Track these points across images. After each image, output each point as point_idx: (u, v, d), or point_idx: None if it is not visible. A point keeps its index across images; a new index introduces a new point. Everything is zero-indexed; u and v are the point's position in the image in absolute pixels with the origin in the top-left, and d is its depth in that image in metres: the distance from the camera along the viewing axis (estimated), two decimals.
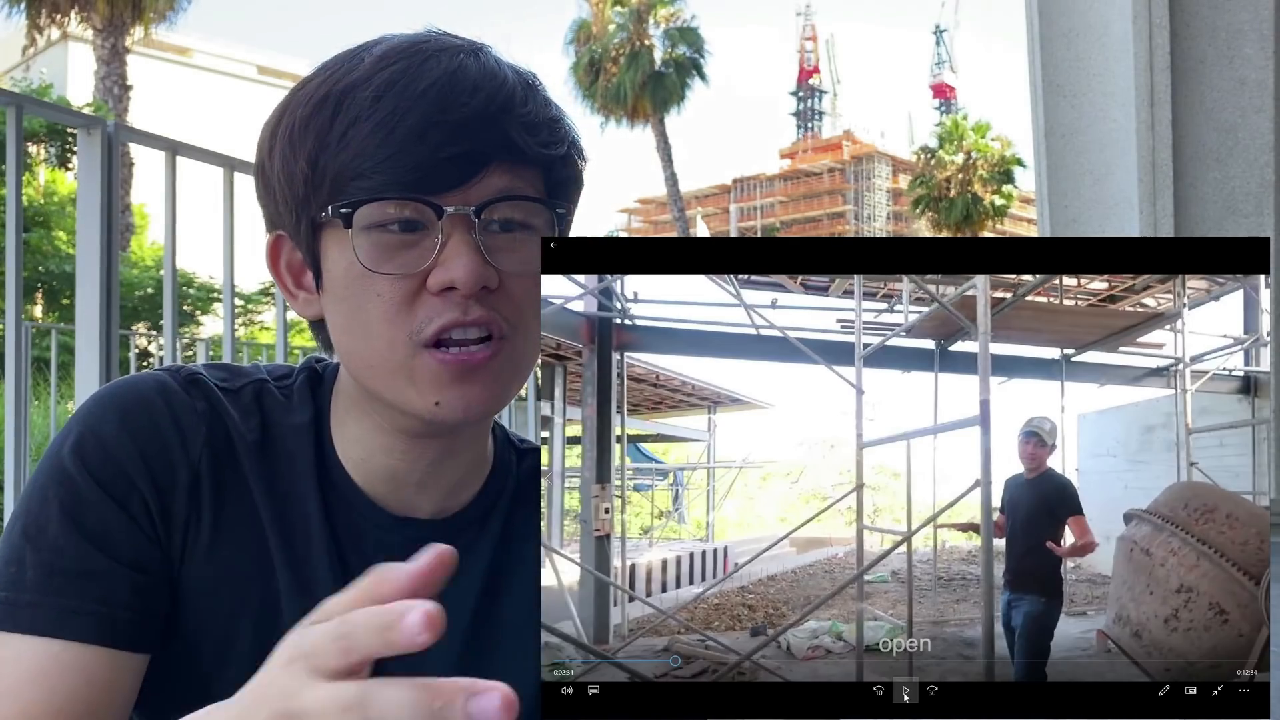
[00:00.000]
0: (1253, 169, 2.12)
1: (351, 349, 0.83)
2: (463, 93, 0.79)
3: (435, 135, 0.78)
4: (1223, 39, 2.14)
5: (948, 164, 38.13)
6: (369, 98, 0.78)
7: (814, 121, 77.21)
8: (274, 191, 0.84)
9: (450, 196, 0.79)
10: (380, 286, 0.79)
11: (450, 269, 0.78)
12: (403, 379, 0.81)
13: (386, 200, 0.78)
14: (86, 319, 2.26)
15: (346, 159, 0.78)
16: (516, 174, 0.81)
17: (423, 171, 0.78)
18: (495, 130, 0.79)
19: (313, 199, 0.81)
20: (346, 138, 0.78)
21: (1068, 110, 2.20)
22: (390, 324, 0.80)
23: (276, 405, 0.90)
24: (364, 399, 0.87)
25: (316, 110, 0.80)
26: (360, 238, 0.79)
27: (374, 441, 0.88)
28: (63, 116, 4.20)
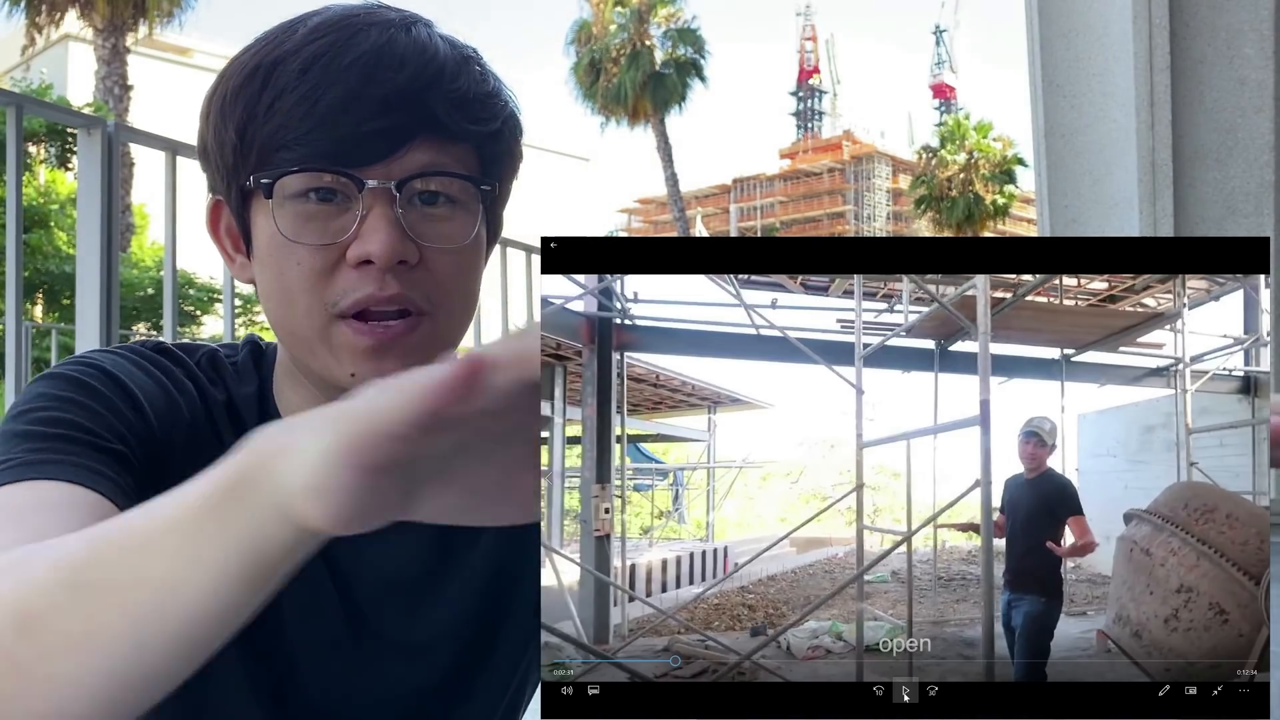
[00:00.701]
0: (1253, 169, 2.12)
1: (275, 315, 0.85)
2: (388, 67, 0.79)
3: (358, 109, 0.78)
4: (1223, 39, 2.14)
5: (950, 164, 38.13)
6: (296, 70, 0.79)
7: (814, 121, 77.20)
8: (210, 159, 0.86)
9: (372, 170, 0.79)
10: (300, 255, 0.80)
11: (367, 242, 0.79)
12: (322, 347, 0.82)
13: (308, 172, 0.79)
14: (86, 319, 2.26)
15: (272, 130, 0.79)
16: (444, 150, 0.81)
17: (345, 144, 0.78)
18: (420, 105, 0.80)
19: (241, 168, 0.82)
20: (273, 109, 0.79)
21: (1068, 110, 2.20)
22: (308, 292, 0.81)
23: (229, 375, 0.93)
24: (297, 369, 0.89)
25: (247, 81, 0.81)
26: (282, 207, 0.80)
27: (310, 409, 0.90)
28: (63, 116, 4.20)
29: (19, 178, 2.21)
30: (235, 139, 0.81)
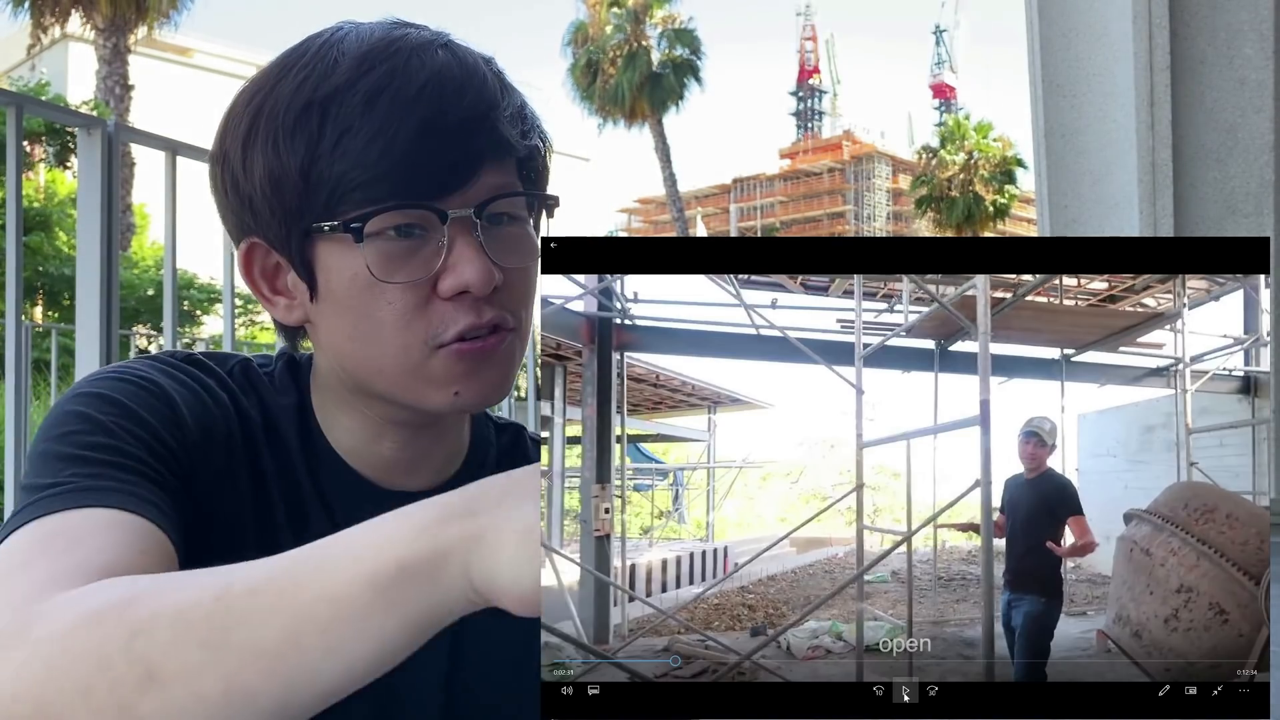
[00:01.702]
0: (1253, 169, 2.12)
1: (357, 355, 0.83)
2: (452, 93, 0.79)
3: (433, 140, 0.78)
4: (1223, 39, 2.14)
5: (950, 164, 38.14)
6: (359, 104, 0.77)
7: (814, 121, 77.20)
8: (250, 201, 0.83)
9: (451, 199, 0.79)
10: (390, 294, 0.79)
11: (462, 273, 0.78)
12: (418, 380, 0.82)
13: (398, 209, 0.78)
14: (86, 319, 2.26)
15: (344, 168, 0.78)
16: (505, 170, 0.81)
17: (424, 178, 0.78)
18: (486, 129, 0.80)
19: (306, 210, 0.80)
20: (340, 146, 0.78)
21: (1068, 110, 2.20)
22: (404, 331, 0.80)
23: (264, 386, 0.91)
24: (357, 396, 0.88)
25: (302, 117, 0.79)
26: (365, 248, 0.79)
27: (365, 433, 0.90)
28: (63, 116, 4.20)
29: (19, 178, 2.21)
30: (299, 180, 0.79)
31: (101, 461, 0.76)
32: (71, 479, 0.74)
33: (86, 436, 0.78)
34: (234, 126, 0.83)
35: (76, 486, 0.74)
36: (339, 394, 0.89)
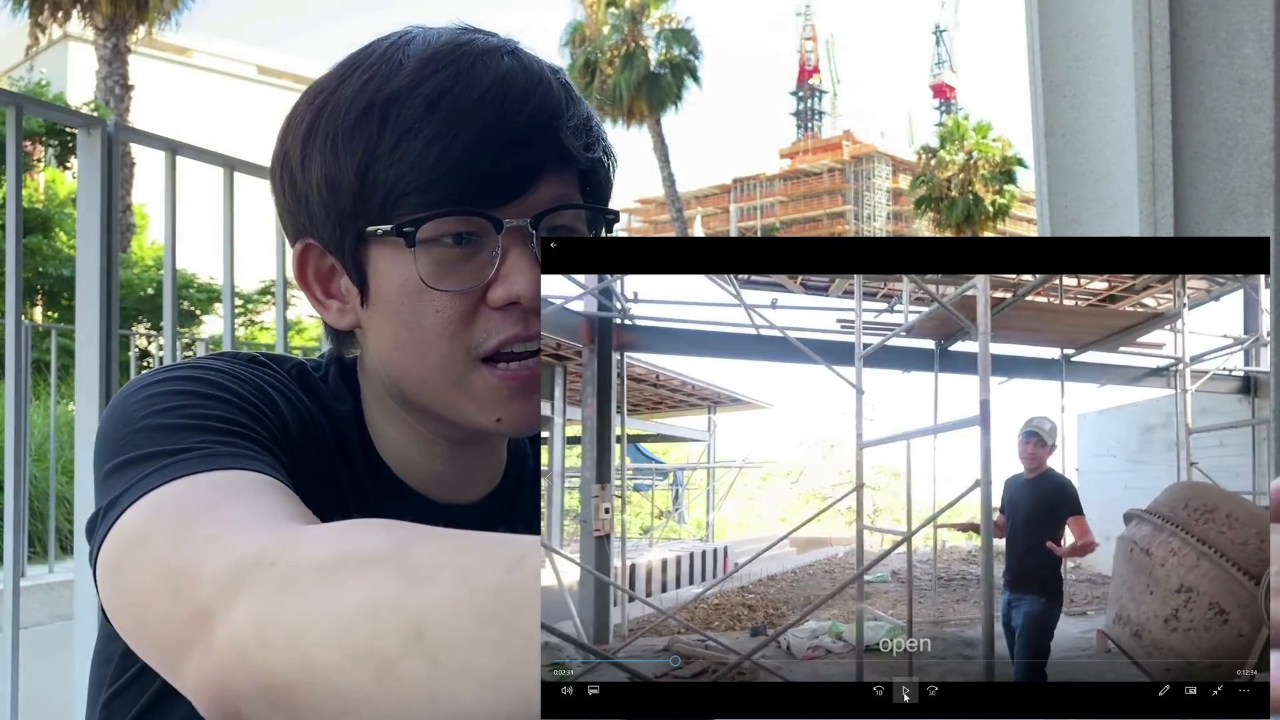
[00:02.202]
0: (1253, 169, 2.12)
1: (403, 364, 0.82)
2: (515, 100, 0.77)
3: (493, 147, 0.76)
4: (1223, 39, 2.14)
5: (949, 164, 38.15)
6: (420, 106, 0.75)
7: (814, 121, 77.21)
8: (307, 201, 0.81)
9: (508, 209, 0.77)
10: (439, 302, 0.78)
11: (513, 284, 0.77)
12: (460, 394, 0.80)
13: (452, 216, 0.76)
14: (86, 319, 2.26)
15: (400, 172, 0.76)
16: (566, 180, 0.80)
17: (481, 184, 0.76)
18: (548, 138, 0.78)
19: (361, 212, 0.78)
20: (399, 149, 0.76)
21: (1068, 110, 2.20)
22: (449, 339, 0.78)
23: (323, 391, 0.89)
24: (404, 409, 0.86)
25: (361, 118, 0.77)
26: (418, 253, 0.77)
27: (414, 448, 0.88)
28: (63, 116, 4.20)
29: (19, 178, 2.21)
30: (355, 181, 0.77)
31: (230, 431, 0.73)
32: (204, 444, 0.70)
33: (202, 409, 0.74)
34: (295, 126, 0.82)
35: (214, 452, 0.70)
36: (388, 405, 0.87)
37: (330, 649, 0.50)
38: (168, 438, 0.71)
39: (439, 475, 0.89)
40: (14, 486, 2.17)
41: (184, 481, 0.66)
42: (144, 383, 0.78)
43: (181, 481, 0.66)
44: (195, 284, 15.47)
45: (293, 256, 0.86)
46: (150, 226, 18.30)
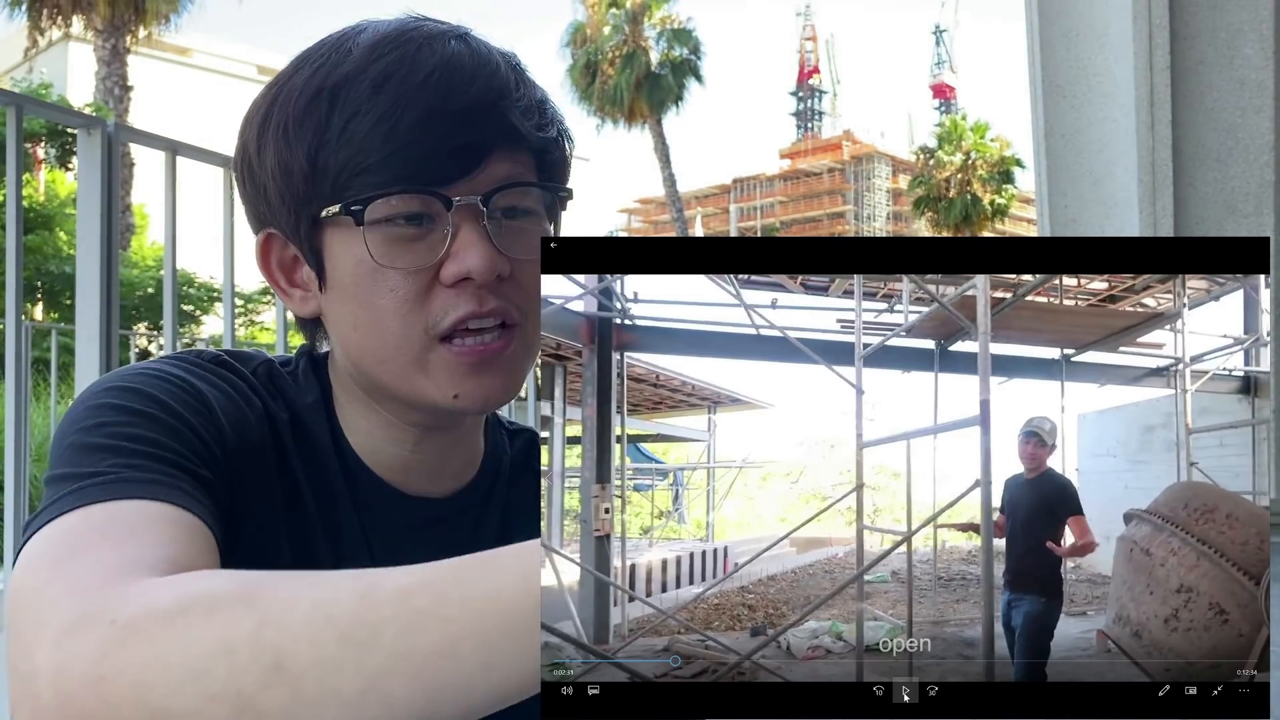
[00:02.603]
0: (1253, 169, 2.12)
1: (362, 345, 0.82)
2: (461, 80, 0.78)
3: (439, 126, 0.77)
4: (1223, 39, 2.14)
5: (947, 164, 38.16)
6: (366, 90, 0.77)
7: (814, 121, 77.22)
8: (264, 189, 0.83)
9: (457, 187, 0.78)
10: (393, 281, 0.79)
11: (465, 259, 0.78)
12: (418, 373, 0.81)
13: (400, 194, 0.77)
14: (86, 319, 2.26)
15: (349, 154, 0.77)
16: (516, 160, 0.80)
17: (429, 164, 0.77)
18: (495, 117, 0.79)
19: (314, 196, 0.79)
20: (347, 132, 0.77)
21: (1068, 110, 2.20)
22: (404, 318, 0.79)
23: (288, 386, 0.90)
24: (370, 395, 0.87)
25: (311, 104, 0.78)
26: (370, 233, 0.78)
27: (383, 434, 0.88)
28: (63, 116, 4.20)
29: (19, 178, 2.21)
30: (306, 166, 0.78)
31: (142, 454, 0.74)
32: (112, 469, 0.71)
33: (124, 428, 0.75)
34: (252, 118, 0.83)
35: (120, 477, 0.71)
36: (354, 393, 0.88)
37: (184, 695, 0.51)
38: (85, 459, 0.72)
39: (408, 464, 0.89)
40: (14, 486, 2.17)
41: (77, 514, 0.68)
42: (87, 394, 0.80)
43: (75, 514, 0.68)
44: (195, 284, 15.48)
45: (256, 247, 0.87)
46: (150, 226, 18.31)
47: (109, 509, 0.68)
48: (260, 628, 0.51)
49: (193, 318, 15.53)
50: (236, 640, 0.51)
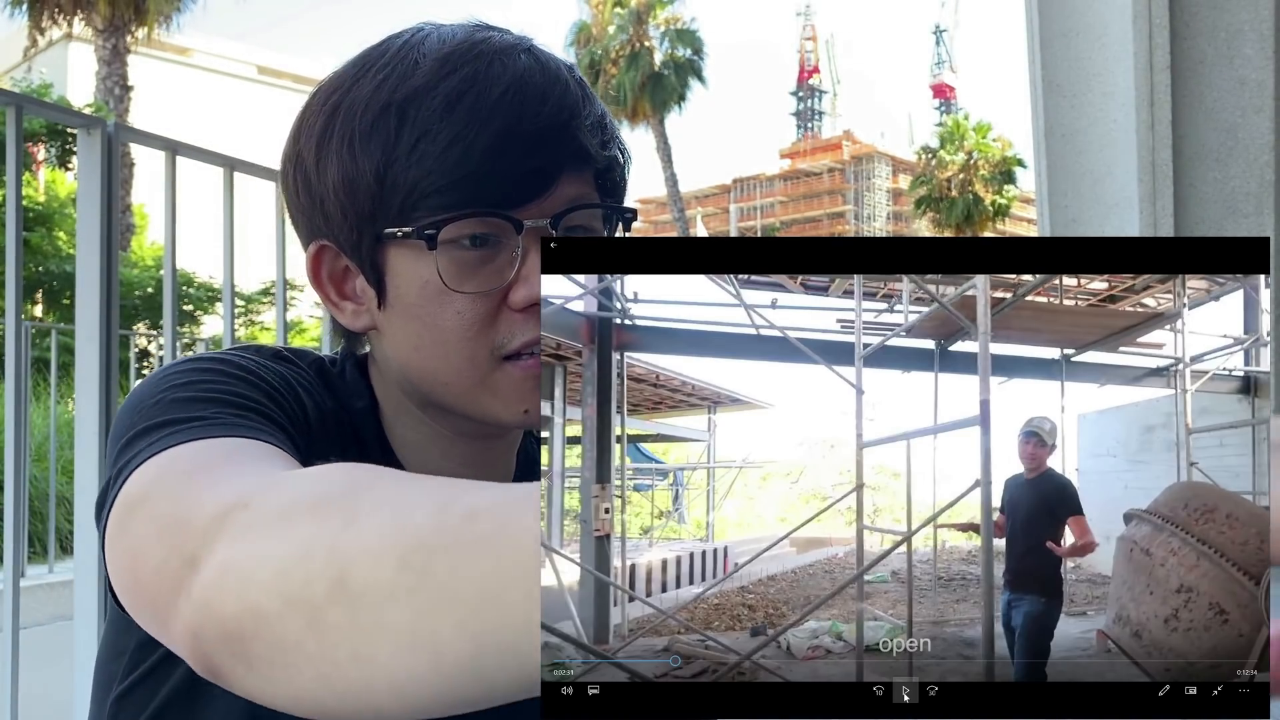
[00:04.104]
0: (1253, 169, 2.12)
1: (424, 366, 0.81)
2: (534, 100, 0.76)
3: (514, 148, 0.75)
4: (1223, 39, 2.14)
5: (949, 164, 38.16)
6: (439, 107, 0.75)
7: (814, 121, 77.21)
8: (322, 203, 0.81)
9: (527, 210, 0.76)
10: (460, 304, 0.78)
11: (535, 285, 0.77)
12: (485, 393, 0.80)
13: (472, 218, 0.76)
14: (86, 319, 2.26)
15: (419, 174, 0.75)
16: (584, 180, 0.79)
17: (502, 187, 0.75)
18: (567, 138, 0.77)
19: (379, 214, 0.78)
20: (417, 151, 0.75)
21: (1068, 110, 2.20)
22: (471, 341, 0.78)
23: (340, 387, 0.88)
24: (420, 409, 0.86)
25: (379, 120, 0.76)
26: (439, 256, 0.77)
27: (433, 448, 0.88)
28: (63, 116, 4.20)
29: (19, 178, 2.21)
30: (373, 183, 0.76)
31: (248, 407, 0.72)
32: (218, 415, 0.69)
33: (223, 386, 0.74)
34: (309, 126, 0.81)
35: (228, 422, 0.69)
36: (403, 405, 0.87)
37: (270, 594, 0.47)
38: (182, 409, 0.70)
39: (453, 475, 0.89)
40: (14, 486, 2.17)
41: (193, 445, 0.65)
42: (164, 368, 0.78)
43: (190, 445, 0.65)
44: (195, 284, 15.48)
45: (307, 258, 0.85)
46: (150, 226, 18.31)
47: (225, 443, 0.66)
48: (340, 532, 0.47)
49: (193, 318, 15.53)
50: (317, 543, 0.47)
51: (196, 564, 0.52)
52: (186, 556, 0.53)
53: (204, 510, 0.54)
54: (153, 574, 0.56)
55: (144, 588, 0.57)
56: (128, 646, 0.85)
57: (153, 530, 0.58)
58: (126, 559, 0.60)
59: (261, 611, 0.47)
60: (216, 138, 4.01)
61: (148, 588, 0.56)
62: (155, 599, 0.55)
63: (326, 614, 0.45)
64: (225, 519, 0.53)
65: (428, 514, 0.46)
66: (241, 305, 14.65)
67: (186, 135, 2.55)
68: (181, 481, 0.60)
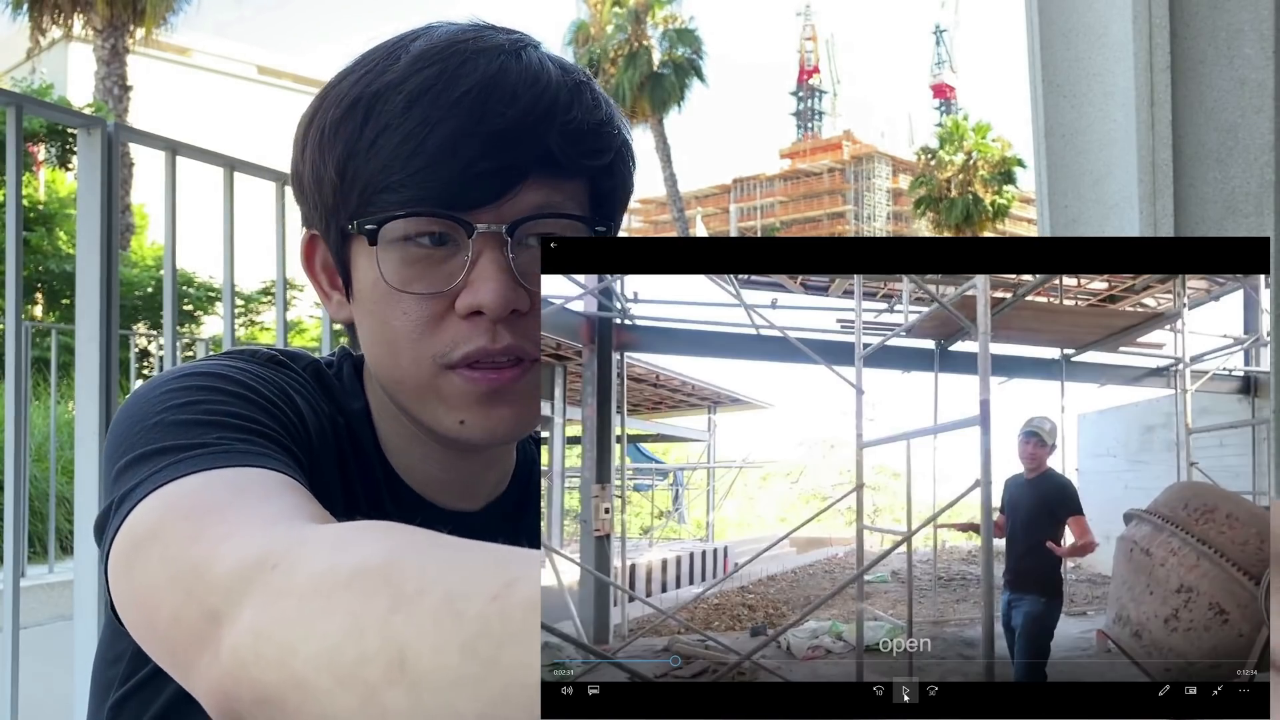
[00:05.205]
0: (1253, 169, 2.12)
1: (379, 362, 0.80)
2: (500, 100, 0.73)
3: (468, 148, 0.73)
4: (1223, 39, 2.14)
5: (948, 164, 38.16)
6: (401, 103, 0.74)
7: (814, 121, 77.19)
8: (305, 192, 0.81)
9: (482, 213, 0.74)
10: (406, 304, 0.76)
11: (478, 292, 0.74)
12: (430, 396, 0.78)
13: (416, 216, 0.74)
14: (86, 319, 2.26)
15: (375, 169, 0.74)
16: (556, 188, 0.76)
17: (454, 186, 0.73)
18: (533, 141, 0.74)
19: (341, 208, 0.77)
20: (376, 146, 0.74)
21: (1068, 110, 2.20)
22: (415, 344, 0.76)
23: (337, 389, 0.87)
24: (398, 409, 0.85)
25: (347, 113, 0.76)
26: (387, 251, 0.75)
27: (416, 451, 0.86)
28: (63, 116, 4.20)
29: (19, 178, 2.20)
30: (335, 177, 0.76)
31: (248, 430, 0.71)
32: (221, 441, 0.67)
33: (222, 406, 0.72)
34: (302, 119, 0.81)
35: (233, 449, 0.67)
36: (387, 405, 0.86)
37: (320, 670, 0.46)
38: (183, 433, 0.68)
39: (439, 481, 0.87)
40: (14, 486, 2.17)
41: (199, 477, 0.64)
42: (160, 381, 0.75)
43: (196, 477, 0.64)
44: (195, 284, 15.48)
45: (300, 246, 0.85)
46: (150, 226, 18.31)
47: (231, 475, 0.64)
48: (391, 612, 0.45)
49: (193, 318, 15.52)
50: (368, 621, 0.46)
51: (219, 620, 0.52)
52: (207, 611, 0.53)
53: (224, 563, 0.54)
54: (169, 621, 0.55)
55: (159, 633, 0.57)
56: (125, 652, 0.84)
57: (164, 575, 0.57)
58: (137, 599, 0.59)
59: (307, 685, 0.46)
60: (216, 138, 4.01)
61: (164, 634, 0.56)
62: (174, 648, 0.55)
63: (384, 695, 0.44)
64: (251, 579, 0.51)
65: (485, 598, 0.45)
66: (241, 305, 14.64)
67: (186, 135, 2.54)
68: (191, 523, 0.59)
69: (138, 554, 0.60)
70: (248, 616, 0.50)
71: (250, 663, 0.49)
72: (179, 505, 0.61)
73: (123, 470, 0.67)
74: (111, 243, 2.28)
